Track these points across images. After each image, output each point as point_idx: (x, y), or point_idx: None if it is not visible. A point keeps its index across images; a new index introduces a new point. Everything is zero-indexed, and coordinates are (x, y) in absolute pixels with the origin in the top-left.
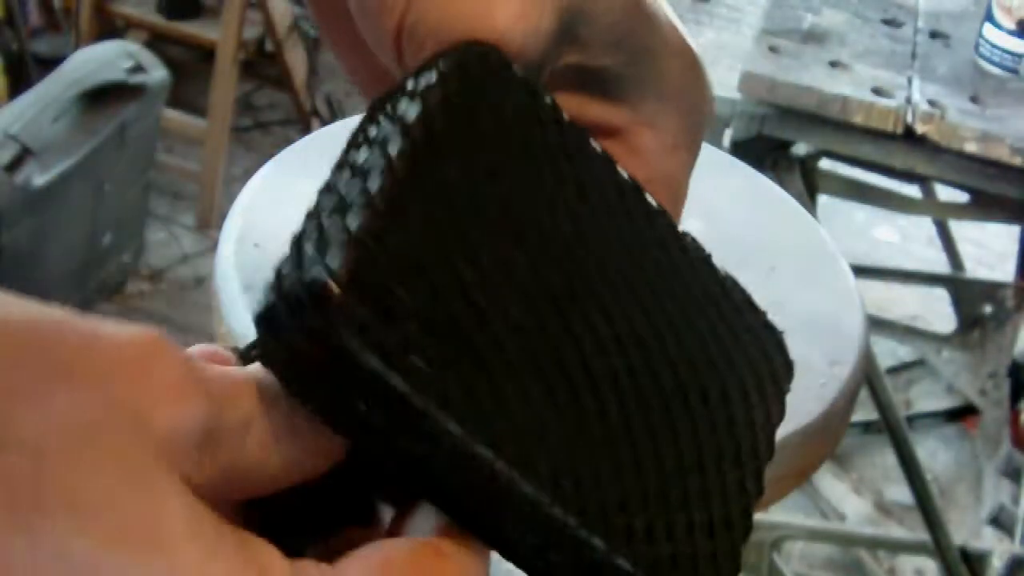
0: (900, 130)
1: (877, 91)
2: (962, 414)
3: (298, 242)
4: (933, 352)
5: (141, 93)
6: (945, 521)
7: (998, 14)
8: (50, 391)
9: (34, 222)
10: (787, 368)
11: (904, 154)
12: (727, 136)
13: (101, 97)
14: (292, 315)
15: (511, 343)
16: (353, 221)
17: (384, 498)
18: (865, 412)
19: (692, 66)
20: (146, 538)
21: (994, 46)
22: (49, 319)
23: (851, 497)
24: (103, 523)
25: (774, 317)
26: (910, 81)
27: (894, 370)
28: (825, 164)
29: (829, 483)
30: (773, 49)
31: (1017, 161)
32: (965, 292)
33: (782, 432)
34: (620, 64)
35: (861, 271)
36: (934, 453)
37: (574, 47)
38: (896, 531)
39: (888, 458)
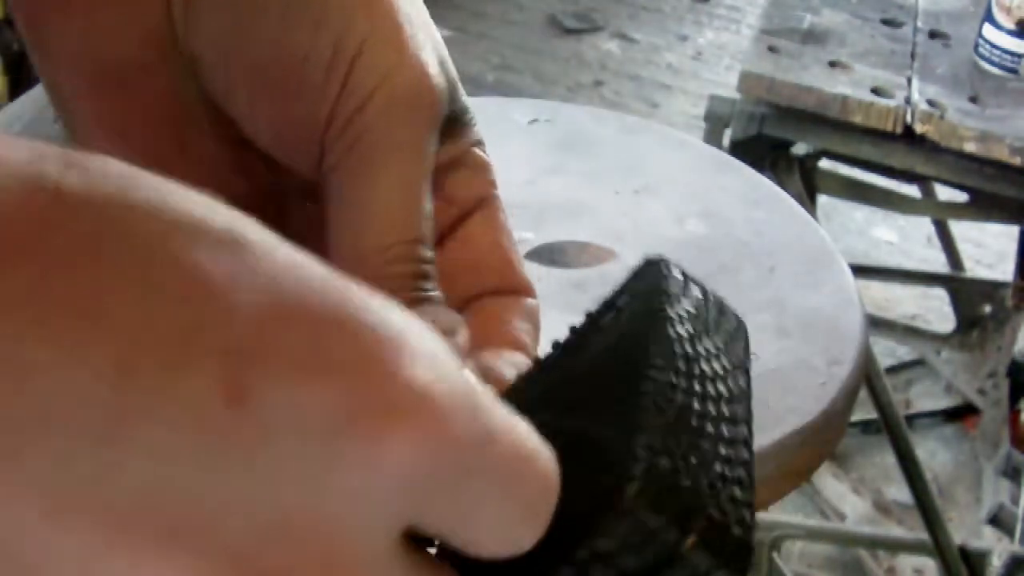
0: (899, 130)
1: (876, 91)
2: (961, 414)
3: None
4: (932, 352)
5: None
6: (944, 520)
7: (997, 14)
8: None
9: None
10: None
11: (903, 154)
12: (727, 136)
13: None
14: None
15: None
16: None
17: None
18: (864, 412)
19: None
20: None
21: (993, 46)
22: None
23: (850, 496)
24: None
25: (774, 317)
26: (909, 81)
27: (893, 370)
28: (824, 164)
29: (829, 482)
30: (772, 49)
31: (1016, 161)
32: (964, 292)
33: (782, 432)
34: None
35: (860, 271)
36: (933, 453)
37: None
38: (896, 530)
39: (887, 458)
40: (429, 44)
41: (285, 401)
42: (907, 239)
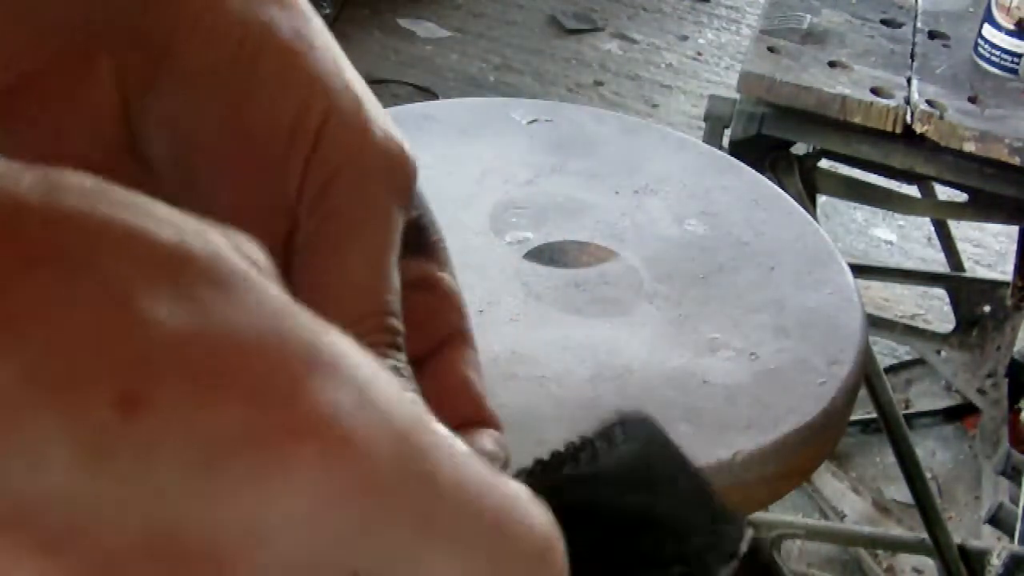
0: (899, 130)
1: (876, 91)
2: (961, 413)
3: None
4: (932, 351)
5: None
6: (944, 520)
7: (997, 14)
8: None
9: None
10: None
11: (903, 154)
12: (727, 136)
13: None
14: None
15: None
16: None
17: None
18: (864, 411)
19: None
20: None
21: (993, 46)
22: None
23: (850, 496)
24: None
25: (774, 317)
26: (909, 81)
27: (893, 369)
28: (824, 164)
29: (828, 482)
30: (772, 49)
31: (1016, 161)
32: (964, 291)
33: (782, 432)
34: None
35: (860, 270)
36: (933, 452)
37: None
38: (895, 530)
39: (887, 457)
40: (389, 117)
41: (179, 415)
42: (907, 239)
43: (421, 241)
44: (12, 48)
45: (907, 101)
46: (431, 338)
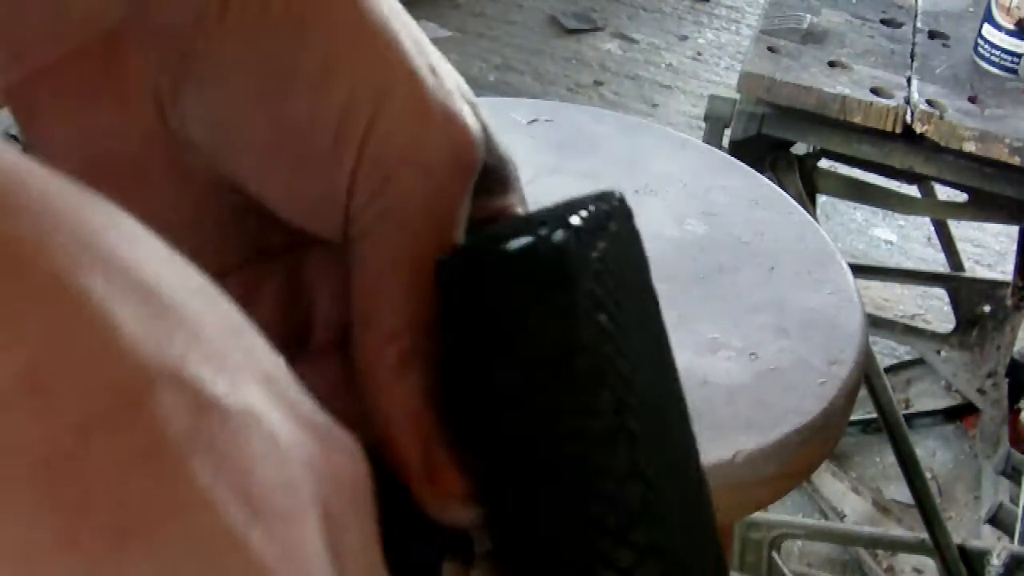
0: (899, 130)
1: (876, 91)
2: (961, 413)
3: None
4: (932, 351)
5: None
6: (944, 520)
7: (997, 14)
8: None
9: None
10: None
11: (903, 154)
12: (727, 136)
13: None
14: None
15: (646, 395)
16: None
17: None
18: (864, 411)
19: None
20: None
21: (993, 46)
22: None
23: (850, 496)
24: None
25: (774, 317)
26: (909, 81)
27: (893, 369)
28: (824, 164)
29: (828, 482)
30: (772, 49)
31: (1015, 161)
32: (964, 291)
33: (782, 432)
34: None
35: (860, 270)
36: (933, 452)
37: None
38: (895, 530)
39: (887, 457)
40: (454, 89)
41: None
42: (907, 239)
43: (496, 177)
44: (27, 40)
45: (907, 101)
46: None
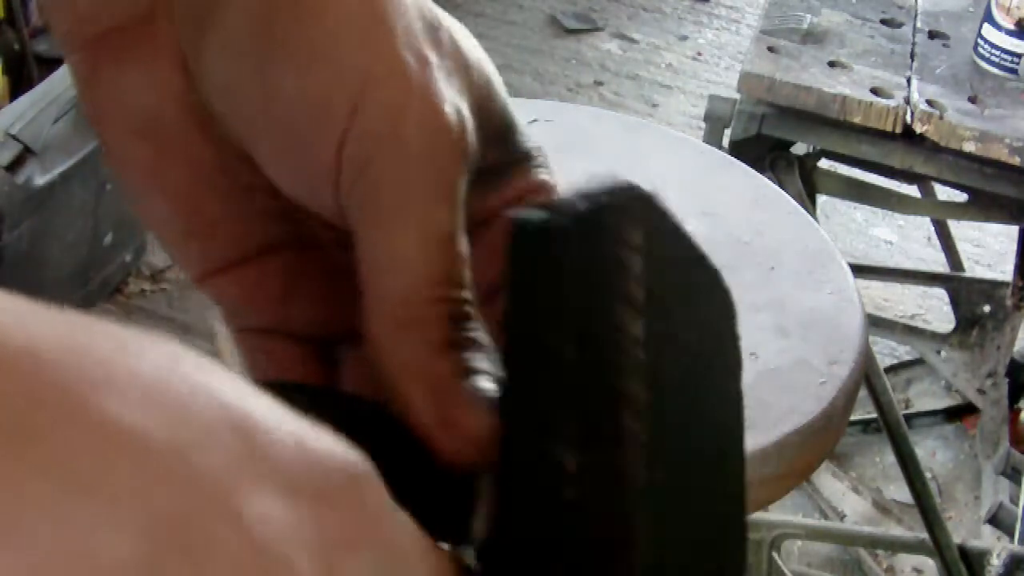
0: (899, 130)
1: (876, 91)
2: (961, 413)
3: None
4: (932, 351)
5: None
6: (944, 520)
7: (997, 14)
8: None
9: (35, 222)
10: None
11: (903, 154)
12: (727, 136)
13: None
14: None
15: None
16: None
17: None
18: (864, 411)
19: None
20: None
21: (993, 46)
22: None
23: (850, 496)
24: None
25: (774, 317)
26: (909, 81)
27: (893, 369)
28: (824, 164)
29: (828, 482)
30: (772, 49)
31: (1015, 161)
32: (964, 291)
33: (782, 432)
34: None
35: (860, 270)
36: (933, 452)
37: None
38: (895, 530)
39: (887, 457)
40: (447, 74)
41: None
42: (907, 239)
43: (517, 153)
44: (88, 9)
45: (907, 101)
46: None
